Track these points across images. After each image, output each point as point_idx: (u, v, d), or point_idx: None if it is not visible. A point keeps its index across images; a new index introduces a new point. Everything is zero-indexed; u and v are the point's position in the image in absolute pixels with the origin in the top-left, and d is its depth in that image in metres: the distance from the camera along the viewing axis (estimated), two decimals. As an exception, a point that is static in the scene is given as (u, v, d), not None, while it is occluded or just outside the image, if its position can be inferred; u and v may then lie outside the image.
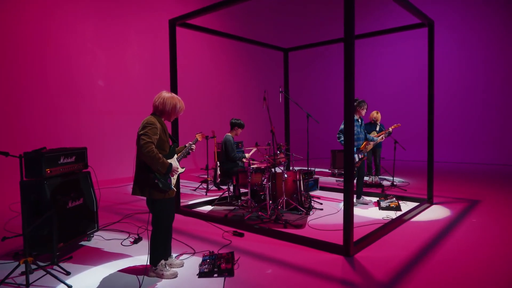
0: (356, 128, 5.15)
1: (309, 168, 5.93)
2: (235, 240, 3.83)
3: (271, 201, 4.96)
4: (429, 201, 5.32)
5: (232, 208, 5.23)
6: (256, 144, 5.20)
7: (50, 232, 3.19)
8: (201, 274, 2.94)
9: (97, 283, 2.84)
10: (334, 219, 4.62)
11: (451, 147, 10.96)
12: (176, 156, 3.06)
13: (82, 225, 3.71)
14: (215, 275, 2.92)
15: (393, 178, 7.09)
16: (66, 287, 2.75)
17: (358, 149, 5.15)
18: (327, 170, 9.22)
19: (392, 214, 4.73)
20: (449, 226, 4.23)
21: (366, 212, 4.96)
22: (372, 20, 11.87)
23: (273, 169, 5.21)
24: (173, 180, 2.93)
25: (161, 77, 8.44)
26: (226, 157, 5.58)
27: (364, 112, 5.24)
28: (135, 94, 8.62)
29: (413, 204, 5.24)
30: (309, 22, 13.43)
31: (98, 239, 3.95)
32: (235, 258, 3.23)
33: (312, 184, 6.27)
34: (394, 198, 5.28)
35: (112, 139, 8.12)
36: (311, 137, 6.18)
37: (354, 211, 3.81)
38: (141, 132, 2.73)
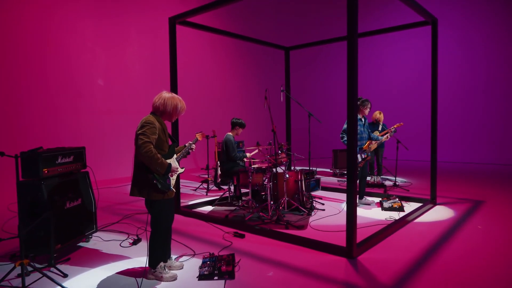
0: (359, 128, 5.08)
1: (311, 168, 5.86)
2: (236, 242, 3.77)
3: (272, 202, 4.90)
4: (433, 202, 5.25)
5: (233, 209, 5.17)
6: (258, 144, 5.14)
7: (47, 233, 3.14)
8: (201, 277, 2.88)
9: (95, 286, 2.78)
10: (336, 220, 4.55)
11: (452, 147, 10.88)
12: (176, 156, 2.99)
13: (80, 226, 3.65)
14: (216, 278, 2.86)
15: (396, 178, 7.02)
16: (63, 290, 2.69)
17: (361, 149, 5.07)
18: (329, 170, 9.16)
19: (395, 215, 4.66)
20: (454, 227, 4.16)
21: (369, 213, 4.89)
22: (373, 20, 11.79)
23: (275, 169, 5.14)
24: (172, 181, 2.86)
25: (161, 76, 8.39)
26: (227, 157, 5.51)
27: (368, 112, 5.16)
28: (135, 94, 8.57)
29: (416, 205, 5.17)
30: (310, 21, 13.36)
31: (97, 240, 3.89)
32: (236, 260, 3.17)
33: (314, 184, 6.21)
34: (397, 199, 5.21)
35: (112, 139, 8.06)
36: (312, 137, 6.11)
37: (357, 212, 3.73)
38: (139, 132, 2.66)
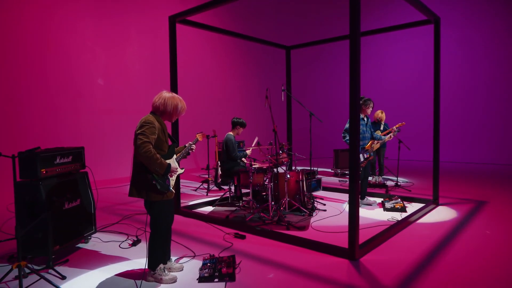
0: (362, 127, 5.03)
1: (312, 168, 5.81)
2: (237, 243, 3.73)
3: (273, 202, 4.85)
4: (435, 202, 5.20)
5: (234, 209, 5.13)
6: (258, 144, 5.09)
7: (46, 235, 3.10)
8: (201, 279, 2.84)
9: (93, 288, 2.74)
10: (338, 221, 4.51)
11: (453, 147, 10.83)
12: (176, 157, 2.95)
13: (79, 227, 3.61)
14: (216, 280, 2.81)
15: (397, 178, 6.97)
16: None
17: (363, 149, 5.02)
18: (330, 170, 9.11)
19: (398, 216, 4.61)
20: (457, 228, 4.11)
21: (371, 213, 4.84)
22: (374, 20, 11.74)
23: (275, 169, 5.10)
24: (172, 181, 2.82)
25: (161, 76, 8.34)
26: (228, 157, 5.47)
27: (370, 111, 5.10)
28: (135, 93, 8.52)
29: (418, 205, 5.12)
30: (311, 20, 13.30)
31: (96, 241, 3.84)
32: (237, 262, 3.13)
33: (315, 185, 6.16)
34: (399, 199, 5.17)
35: (112, 139, 8.02)
36: (313, 136, 6.06)
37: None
38: (139, 131, 2.62)
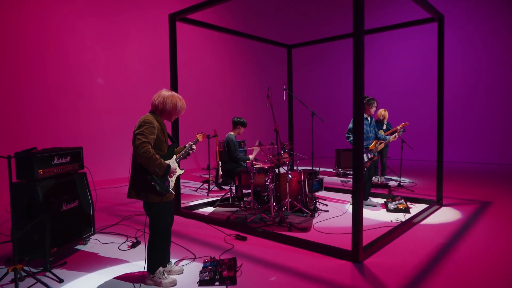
0: (366, 127, 4.96)
1: (314, 168, 5.74)
2: (238, 244, 3.66)
3: (275, 203, 4.78)
4: (439, 203, 5.13)
5: (235, 210, 5.06)
6: (260, 144, 5.02)
7: (43, 237, 3.03)
8: (202, 282, 2.77)
9: (91, 292, 2.68)
10: (340, 222, 4.44)
11: (454, 147, 10.73)
12: (175, 157, 2.88)
13: (78, 229, 3.55)
14: (217, 283, 2.75)
15: (400, 179, 6.90)
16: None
17: (367, 149, 4.95)
18: (331, 170, 9.04)
19: (401, 217, 4.54)
20: (462, 230, 4.04)
21: (374, 215, 4.77)
22: (377, 18, 11.65)
23: (277, 169, 5.03)
24: (172, 182, 2.76)
25: (161, 75, 8.27)
26: (229, 157, 5.40)
27: (373, 110, 5.03)
28: (135, 93, 8.46)
29: (422, 206, 5.05)
30: (312, 19, 13.22)
31: (95, 243, 3.78)
32: (238, 265, 3.06)
33: (317, 185, 6.09)
34: (402, 200, 5.10)
35: (112, 139, 7.96)
36: (315, 136, 5.99)
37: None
38: (137, 131, 2.56)
